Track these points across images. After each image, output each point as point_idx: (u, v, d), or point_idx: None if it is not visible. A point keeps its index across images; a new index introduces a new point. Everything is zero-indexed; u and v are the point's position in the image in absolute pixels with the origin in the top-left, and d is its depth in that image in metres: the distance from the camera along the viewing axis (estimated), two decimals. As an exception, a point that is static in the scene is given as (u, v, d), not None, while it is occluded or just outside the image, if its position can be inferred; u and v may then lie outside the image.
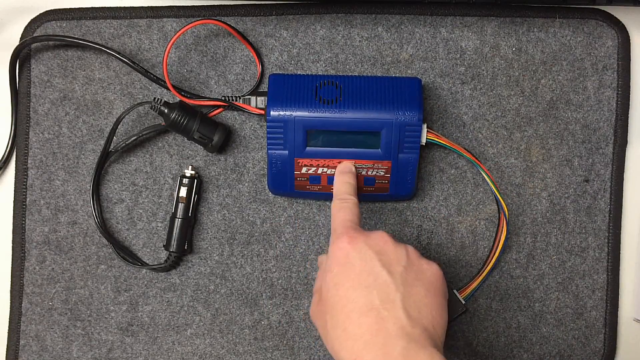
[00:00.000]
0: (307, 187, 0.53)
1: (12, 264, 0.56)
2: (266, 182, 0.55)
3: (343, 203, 0.47)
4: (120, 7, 0.56)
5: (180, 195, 0.54)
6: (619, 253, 0.57)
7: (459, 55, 0.56)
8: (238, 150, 0.56)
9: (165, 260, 0.55)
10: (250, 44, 0.55)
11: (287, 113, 0.50)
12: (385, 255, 0.43)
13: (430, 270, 0.44)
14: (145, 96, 0.56)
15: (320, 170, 0.52)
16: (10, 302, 0.56)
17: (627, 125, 0.56)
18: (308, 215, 0.56)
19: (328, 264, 0.44)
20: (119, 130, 0.55)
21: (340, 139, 0.51)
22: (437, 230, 0.56)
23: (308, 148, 0.51)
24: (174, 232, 0.54)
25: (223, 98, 0.54)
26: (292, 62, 0.56)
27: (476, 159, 0.54)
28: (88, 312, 0.56)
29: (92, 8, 0.56)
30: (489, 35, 0.56)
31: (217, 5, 0.56)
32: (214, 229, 0.56)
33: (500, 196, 0.54)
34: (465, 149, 0.54)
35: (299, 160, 0.52)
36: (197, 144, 0.55)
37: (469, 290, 0.53)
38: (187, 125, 0.53)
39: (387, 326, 0.39)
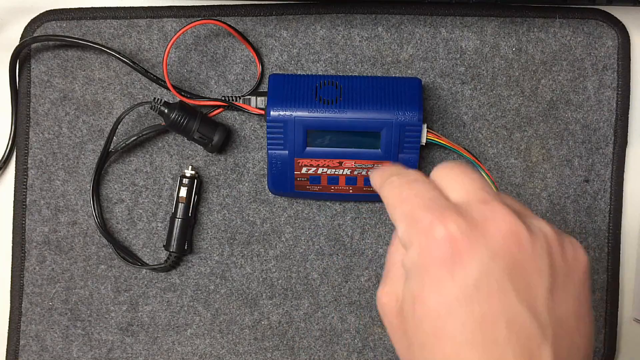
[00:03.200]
0: (307, 187, 0.53)
1: (12, 264, 0.56)
2: (266, 182, 0.55)
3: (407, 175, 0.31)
4: (120, 7, 0.56)
5: (180, 195, 0.54)
6: (619, 253, 0.57)
7: (459, 55, 0.56)
8: (238, 150, 0.56)
9: (165, 260, 0.55)
10: (250, 44, 0.55)
11: (287, 113, 0.50)
12: (521, 270, 0.26)
13: (579, 265, 0.28)
14: (145, 96, 0.56)
15: (320, 171, 0.52)
16: (10, 302, 0.56)
17: (627, 125, 0.56)
18: (308, 215, 0.56)
19: (413, 281, 0.27)
20: (119, 130, 0.55)
21: (341, 139, 0.51)
22: (437, 230, 0.56)
23: (308, 148, 0.51)
24: (174, 232, 0.54)
25: (223, 98, 0.54)
26: (292, 62, 0.56)
27: (476, 159, 0.54)
28: (88, 312, 0.56)
29: (92, 8, 0.56)
30: (489, 35, 0.56)
31: (217, 5, 0.56)
32: (214, 229, 0.56)
33: (500, 196, 0.54)
34: (465, 149, 0.54)
35: (299, 161, 0.52)
36: (197, 144, 0.55)
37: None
38: (187, 125, 0.53)
39: None
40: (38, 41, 0.54)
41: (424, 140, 0.52)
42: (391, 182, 0.30)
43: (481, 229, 0.26)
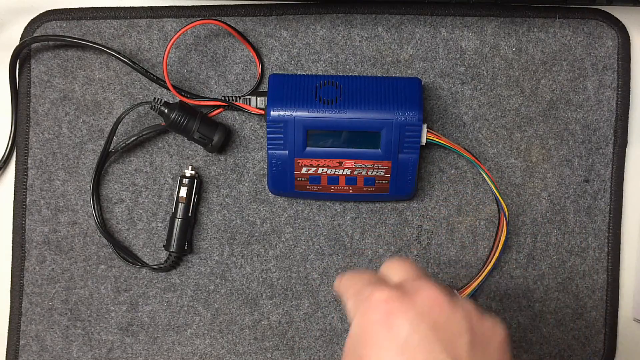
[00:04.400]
0: (307, 187, 0.53)
1: (12, 264, 0.56)
2: (266, 182, 0.55)
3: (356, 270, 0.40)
4: (120, 7, 0.56)
5: (180, 195, 0.54)
6: (619, 253, 0.57)
7: (459, 55, 0.56)
8: (238, 150, 0.56)
9: (165, 260, 0.55)
10: (250, 44, 0.55)
11: (287, 113, 0.50)
12: (443, 328, 0.32)
13: (496, 334, 0.33)
14: (145, 96, 0.56)
15: (320, 171, 0.52)
16: (10, 302, 0.56)
17: (627, 125, 0.56)
18: (308, 215, 0.56)
19: (357, 344, 0.33)
20: (119, 130, 0.55)
21: (340, 139, 0.51)
22: (437, 230, 0.56)
23: (308, 148, 0.51)
24: (174, 232, 0.54)
25: (223, 98, 0.54)
26: (292, 62, 0.56)
27: (476, 159, 0.54)
28: (88, 312, 0.56)
29: (92, 8, 0.56)
30: (489, 35, 0.56)
31: (217, 5, 0.56)
32: (214, 229, 0.56)
33: (500, 196, 0.54)
34: (465, 149, 0.54)
35: (299, 160, 0.52)
36: (197, 144, 0.55)
37: (469, 290, 0.53)
38: (187, 125, 0.53)
39: None
40: (38, 41, 0.54)
41: (424, 140, 0.52)
42: (346, 279, 0.38)
43: (411, 296, 0.33)
